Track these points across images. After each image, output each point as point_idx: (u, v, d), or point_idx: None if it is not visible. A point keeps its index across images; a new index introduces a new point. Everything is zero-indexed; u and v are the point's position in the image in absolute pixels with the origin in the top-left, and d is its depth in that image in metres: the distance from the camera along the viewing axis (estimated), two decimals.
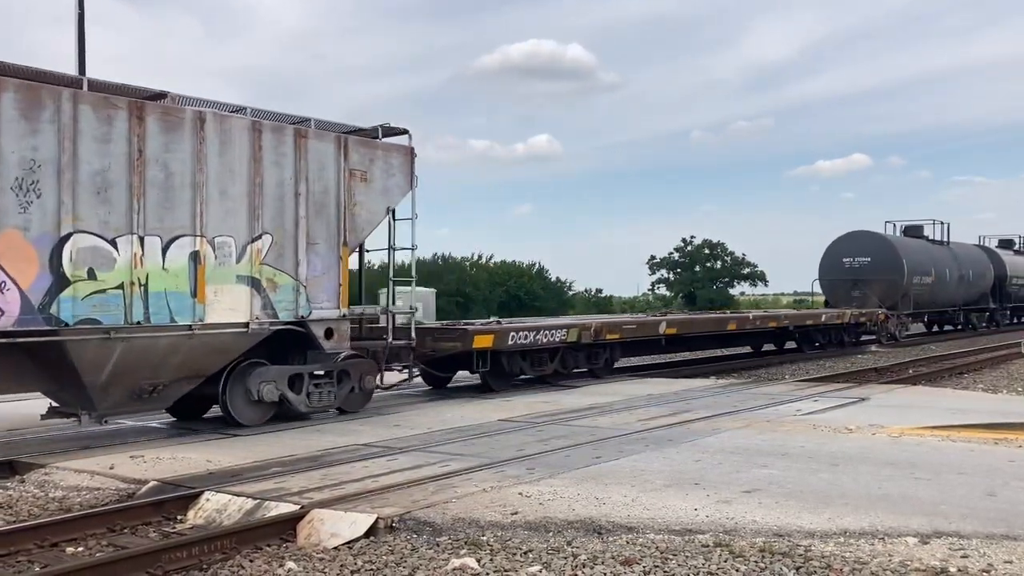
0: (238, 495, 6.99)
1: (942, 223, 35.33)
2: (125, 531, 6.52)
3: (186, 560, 5.71)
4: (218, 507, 6.86)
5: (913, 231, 33.61)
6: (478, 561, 5.52)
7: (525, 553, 5.67)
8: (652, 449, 8.88)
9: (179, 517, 6.85)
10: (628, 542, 5.84)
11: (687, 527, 6.06)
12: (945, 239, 34.71)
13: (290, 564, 5.69)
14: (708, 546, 5.70)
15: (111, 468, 8.20)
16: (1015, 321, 40.65)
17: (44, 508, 7.27)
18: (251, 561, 5.81)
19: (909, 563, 5.29)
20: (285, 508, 6.61)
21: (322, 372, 11.28)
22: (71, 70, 22.25)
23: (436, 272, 39.21)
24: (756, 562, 5.39)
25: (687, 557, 5.50)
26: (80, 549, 6.14)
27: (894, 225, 34.33)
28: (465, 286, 40.47)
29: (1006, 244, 41.69)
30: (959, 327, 35.84)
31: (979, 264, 35.76)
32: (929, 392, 14.75)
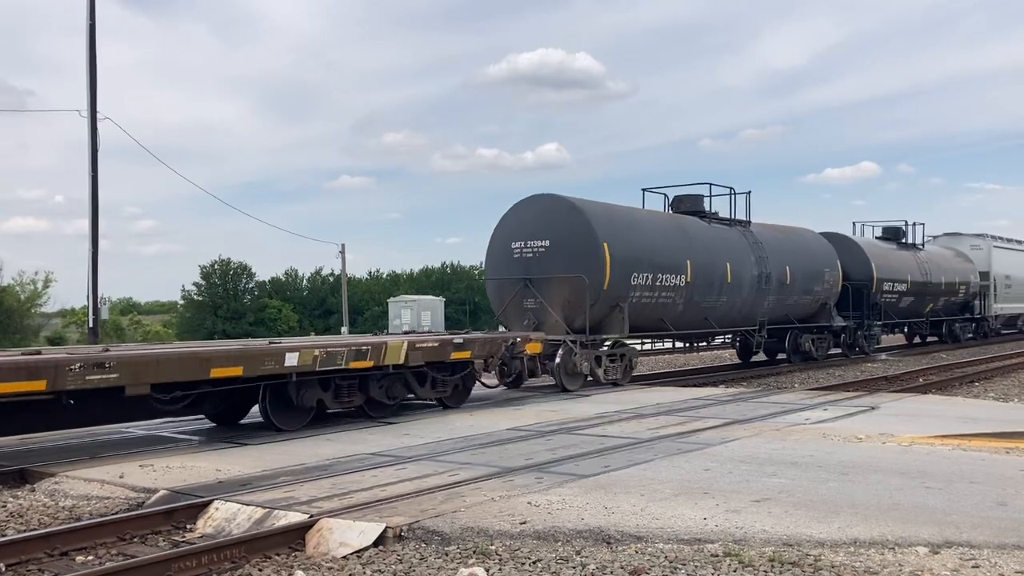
0: (247, 504, 7.00)
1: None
2: (135, 540, 6.53)
3: (195, 569, 5.73)
4: (227, 516, 6.87)
5: (686, 204, 20.42)
6: (487, 571, 5.51)
7: (534, 563, 5.66)
8: (661, 458, 8.87)
9: (189, 526, 6.87)
10: (637, 551, 5.83)
11: (696, 536, 6.04)
12: (739, 218, 21.20)
13: (299, 573, 5.69)
14: (717, 555, 5.68)
15: (121, 477, 8.22)
16: (870, 353, 26.18)
17: (54, 517, 7.29)
18: (260, 570, 5.82)
19: (920, 573, 5.27)
20: (294, 517, 6.62)
21: None
22: (83, 78, 22.40)
23: (445, 281, 39.30)
24: (765, 572, 5.37)
25: (696, 567, 5.49)
26: (90, 558, 6.16)
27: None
28: (474, 295, 40.52)
29: (891, 235, 30.09)
30: (776, 355, 24.00)
31: (815, 260, 22.97)
32: (940, 401, 14.68)
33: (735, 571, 5.39)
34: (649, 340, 20.36)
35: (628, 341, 17.78)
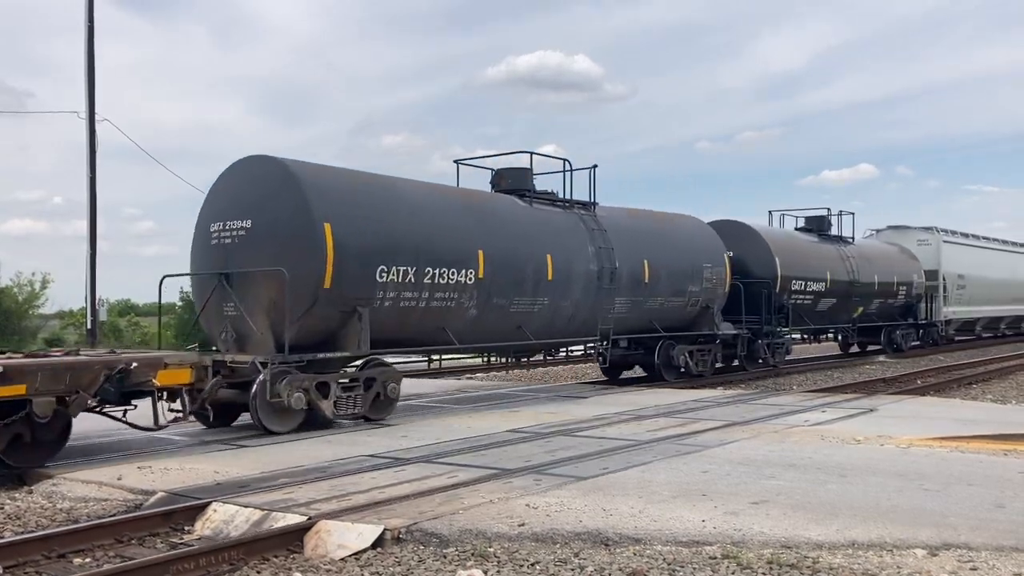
0: (245, 506, 7.00)
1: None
2: (133, 542, 6.53)
3: (194, 571, 5.73)
4: (225, 518, 6.87)
5: (508, 180, 15.92)
6: (485, 572, 5.51)
7: (532, 565, 5.66)
8: (660, 460, 8.87)
9: (187, 528, 6.86)
10: (635, 553, 5.83)
11: (694, 538, 6.05)
12: (580, 200, 16.47)
13: (297, 575, 5.69)
14: (716, 558, 5.69)
15: (119, 479, 8.21)
16: (777, 365, 21.58)
17: (52, 519, 7.28)
18: (258, 572, 5.82)
19: (918, 575, 5.27)
20: (292, 519, 6.61)
21: None
22: (82, 80, 22.38)
23: None
24: (764, 574, 5.37)
25: (694, 569, 5.49)
26: (88, 560, 6.15)
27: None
28: None
29: (814, 226, 25.60)
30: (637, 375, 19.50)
31: (691, 253, 18.46)
32: (938, 402, 14.69)
33: (733, 573, 5.40)
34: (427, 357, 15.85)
35: (393, 360, 13.44)
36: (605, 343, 16.54)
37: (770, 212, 25.74)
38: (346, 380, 11.90)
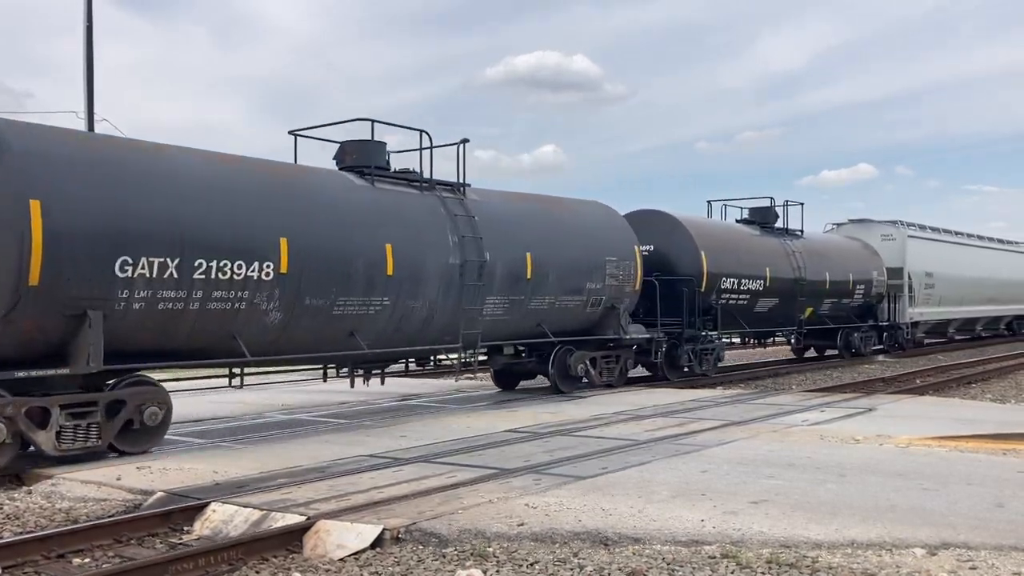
0: (245, 506, 7.00)
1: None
2: (132, 542, 6.52)
3: (193, 571, 5.72)
4: (224, 518, 6.86)
5: (354, 156, 13.11)
6: (484, 572, 5.51)
7: (531, 564, 5.66)
8: (659, 460, 8.87)
9: (186, 528, 6.86)
10: (635, 553, 5.83)
11: (694, 538, 6.05)
12: (445, 180, 13.84)
13: (296, 575, 5.69)
14: (715, 557, 5.69)
15: (118, 479, 8.21)
16: (709, 374, 19.07)
17: (51, 519, 7.28)
18: (257, 572, 5.82)
19: (917, 574, 5.27)
20: (291, 519, 6.61)
21: None
22: (81, 80, 22.39)
23: None
24: (763, 573, 5.37)
25: (694, 568, 5.49)
26: (87, 560, 6.15)
27: None
28: None
29: (758, 217, 22.47)
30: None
31: (592, 246, 15.74)
32: (937, 402, 14.70)
33: (732, 573, 5.40)
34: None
35: (159, 376, 10.82)
36: (470, 351, 13.87)
37: (709, 202, 22.67)
38: (76, 405, 9.22)
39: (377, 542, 6.15)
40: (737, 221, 22.39)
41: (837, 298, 23.99)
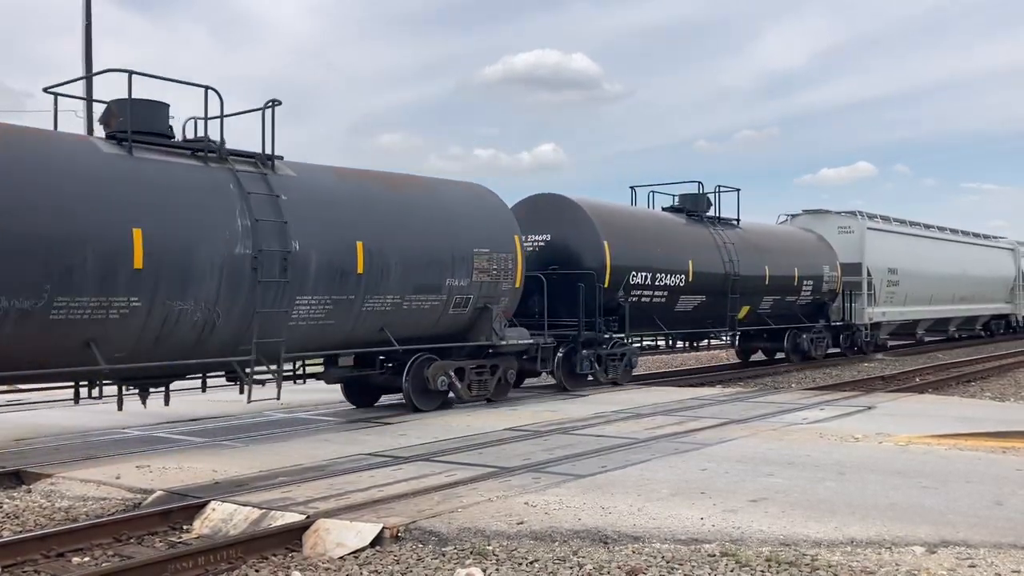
0: (244, 505, 7.00)
1: None
2: (131, 541, 6.52)
3: (192, 570, 5.72)
4: (224, 517, 6.87)
5: (119, 121, 10.06)
6: (484, 571, 5.51)
7: (531, 563, 5.66)
8: (658, 458, 8.87)
9: (185, 527, 6.86)
10: (634, 551, 5.83)
11: (693, 536, 6.05)
12: (243, 151, 11.06)
13: (296, 574, 5.69)
14: (714, 555, 5.69)
15: (117, 478, 8.21)
16: (622, 383, 16.61)
17: (50, 518, 7.28)
18: (257, 571, 5.81)
19: (916, 572, 5.27)
20: (291, 518, 6.61)
21: None
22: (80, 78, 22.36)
23: None
24: (762, 571, 5.37)
25: (693, 567, 5.49)
26: (86, 559, 6.15)
27: None
28: None
29: (689, 205, 20.10)
30: None
31: (459, 233, 13.28)
32: (936, 400, 14.70)
33: (732, 571, 5.40)
34: None
35: None
36: (273, 367, 10.77)
37: (632, 188, 20.07)
38: None
39: (376, 541, 6.16)
40: (664, 209, 19.98)
41: (780, 295, 21.56)
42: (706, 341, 21.28)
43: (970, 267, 32.25)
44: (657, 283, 17.54)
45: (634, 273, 16.82)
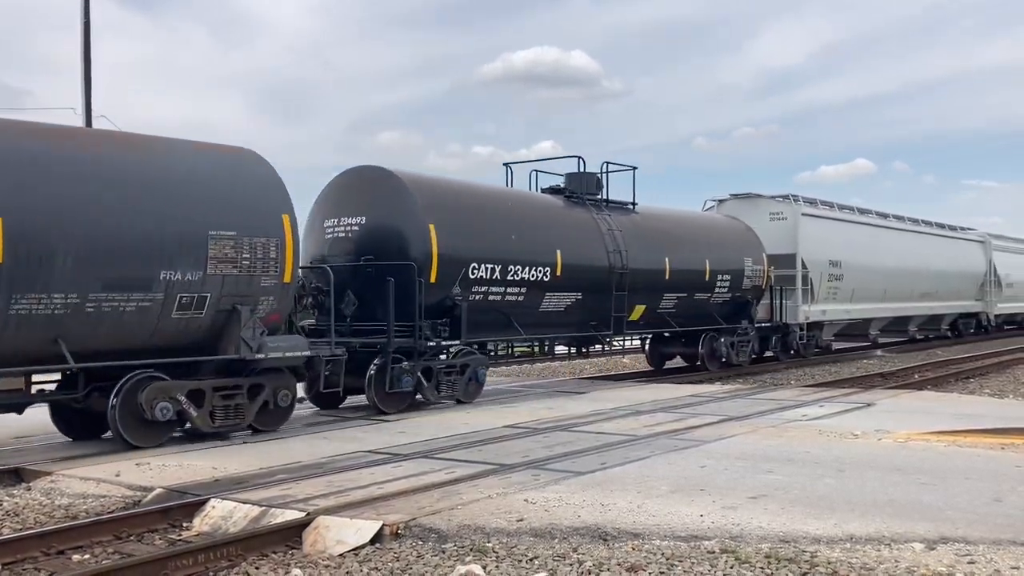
0: (244, 502, 6.99)
1: None
2: (131, 538, 6.52)
3: (192, 567, 5.72)
4: (224, 514, 6.87)
5: None
6: (484, 568, 5.51)
7: (531, 560, 5.66)
8: (657, 455, 8.87)
9: (185, 524, 6.86)
10: (634, 548, 5.83)
11: (693, 533, 6.05)
12: None
13: (296, 571, 5.69)
14: (714, 552, 5.69)
15: (117, 475, 8.21)
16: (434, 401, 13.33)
17: (50, 515, 7.28)
18: (257, 568, 5.81)
19: (915, 569, 5.28)
20: (291, 515, 6.61)
21: None
22: (77, 77, 22.35)
23: None
24: (762, 568, 5.38)
25: (693, 563, 5.49)
26: (86, 556, 6.15)
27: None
28: None
29: (574, 183, 16.83)
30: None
31: (177, 214, 9.78)
32: (935, 397, 14.72)
33: (732, 568, 5.40)
34: None
35: None
36: None
37: (506, 165, 16.84)
38: None
39: (376, 538, 6.16)
40: (543, 191, 16.88)
41: (687, 293, 18.24)
42: (602, 346, 17.96)
43: (934, 261, 29.33)
44: (511, 277, 14.15)
45: (475, 265, 13.51)
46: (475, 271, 13.58)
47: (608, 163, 17.53)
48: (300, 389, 11.92)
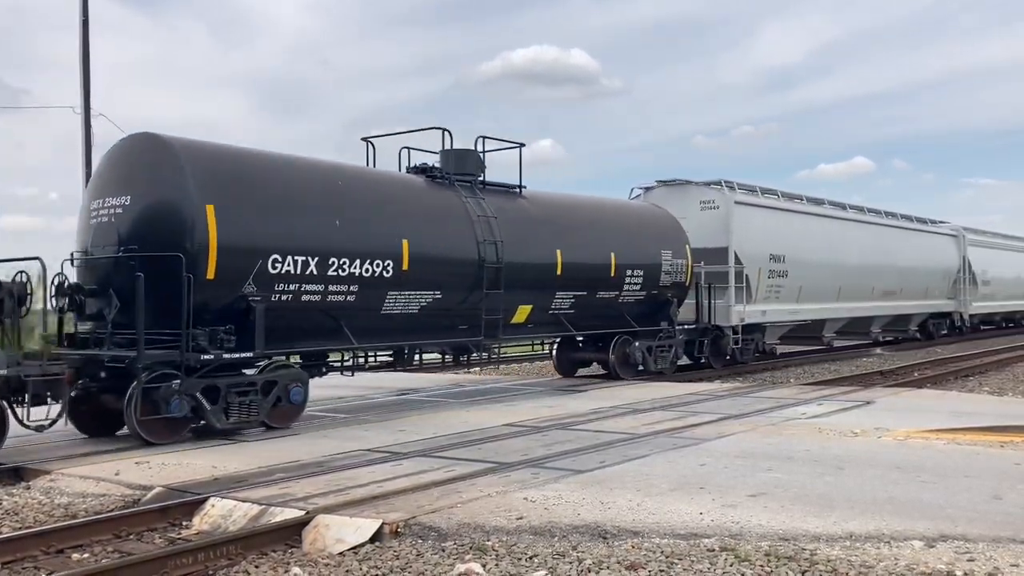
0: (243, 501, 6.99)
1: None
2: (131, 537, 6.52)
3: (192, 566, 5.72)
4: (224, 513, 6.86)
5: None
6: (483, 566, 5.51)
7: (530, 558, 5.66)
8: (657, 453, 8.87)
9: (185, 523, 6.86)
10: (633, 547, 5.83)
11: (692, 531, 6.05)
12: None
13: (295, 570, 5.69)
14: (713, 550, 5.69)
15: (116, 474, 8.21)
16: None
17: (50, 514, 7.27)
18: (257, 567, 5.81)
19: (915, 567, 5.28)
20: (290, 514, 6.61)
21: None
22: (76, 76, 22.35)
23: None
24: (762, 566, 5.38)
25: (692, 561, 5.49)
26: (86, 555, 6.15)
27: None
28: None
29: (451, 162, 14.07)
30: None
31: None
32: (935, 395, 14.72)
33: (731, 566, 5.40)
34: None
35: None
36: None
37: (365, 139, 14.13)
38: None
39: (376, 536, 6.15)
40: (409, 170, 14.04)
41: (587, 291, 15.56)
42: (481, 354, 14.87)
43: (898, 256, 26.56)
44: (334, 273, 11.46)
45: (277, 257, 10.80)
46: (278, 265, 10.82)
47: (485, 137, 14.59)
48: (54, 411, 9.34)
